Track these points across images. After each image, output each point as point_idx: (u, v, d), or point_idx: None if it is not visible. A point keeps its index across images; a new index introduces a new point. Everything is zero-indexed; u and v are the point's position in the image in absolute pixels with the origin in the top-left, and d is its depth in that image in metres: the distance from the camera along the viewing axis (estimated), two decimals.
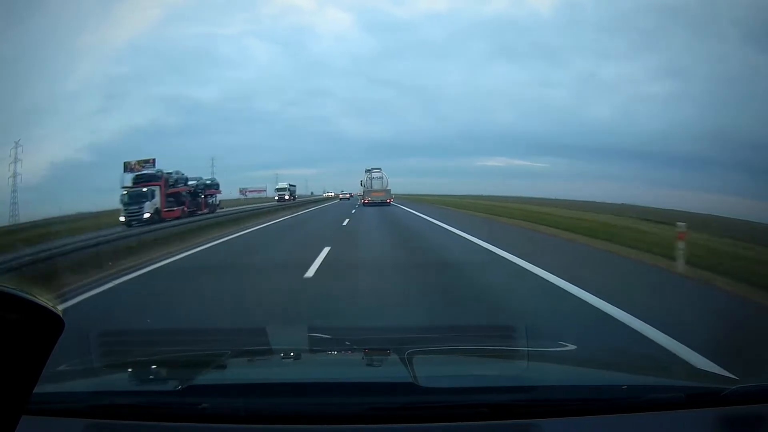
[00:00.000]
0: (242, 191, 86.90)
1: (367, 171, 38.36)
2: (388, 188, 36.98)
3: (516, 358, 2.12)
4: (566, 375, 1.85)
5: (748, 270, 6.88)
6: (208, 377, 1.70)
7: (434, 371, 1.89)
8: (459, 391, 1.56)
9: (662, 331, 3.99)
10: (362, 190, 42.99)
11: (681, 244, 7.56)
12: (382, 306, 5.56)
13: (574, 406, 1.44)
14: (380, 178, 37.42)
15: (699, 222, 14.48)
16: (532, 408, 1.39)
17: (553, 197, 38.32)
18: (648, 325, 4.21)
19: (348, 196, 69.50)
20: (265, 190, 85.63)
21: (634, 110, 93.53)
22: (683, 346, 3.64)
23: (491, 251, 9.68)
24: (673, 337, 3.84)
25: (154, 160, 26.67)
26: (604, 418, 1.37)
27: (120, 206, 23.44)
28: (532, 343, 2.34)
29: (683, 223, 7.87)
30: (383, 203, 34.80)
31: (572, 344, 2.32)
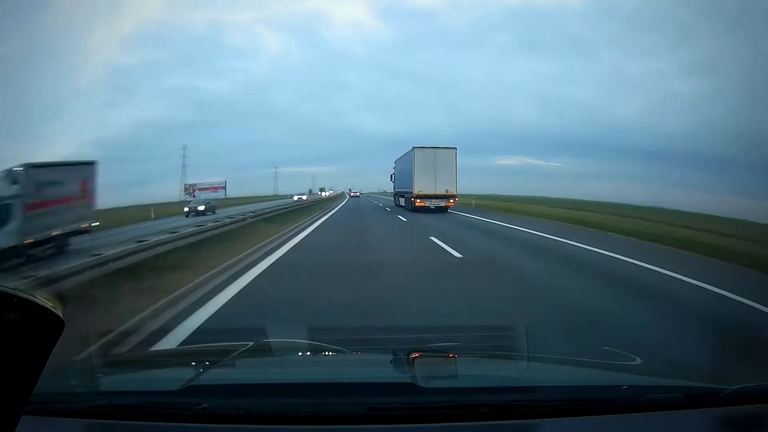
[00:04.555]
0: (188, 189, 55.32)
1: None
2: None
3: (516, 359, 2.12)
4: (566, 375, 1.85)
5: None
6: (207, 377, 1.70)
7: (434, 371, 1.89)
8: (459, 391, 1.56)
9: None
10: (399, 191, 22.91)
11: None
12: None
13: (575, 406, 1.44)
14: None
15: None
16: (533, 408, 1.39)
17: (578, 198, 35.73)
18: None
19: (358, 194, 71.41)
20: (224, 188, 57.63)
21: (661, 109, 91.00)
22: None
23: None
24: None
25: None
26: (604, 418, 1.37)
27: None
28: (532, 344, 2.34)
29: None
30: None
31: (571, 345, 2.31)
